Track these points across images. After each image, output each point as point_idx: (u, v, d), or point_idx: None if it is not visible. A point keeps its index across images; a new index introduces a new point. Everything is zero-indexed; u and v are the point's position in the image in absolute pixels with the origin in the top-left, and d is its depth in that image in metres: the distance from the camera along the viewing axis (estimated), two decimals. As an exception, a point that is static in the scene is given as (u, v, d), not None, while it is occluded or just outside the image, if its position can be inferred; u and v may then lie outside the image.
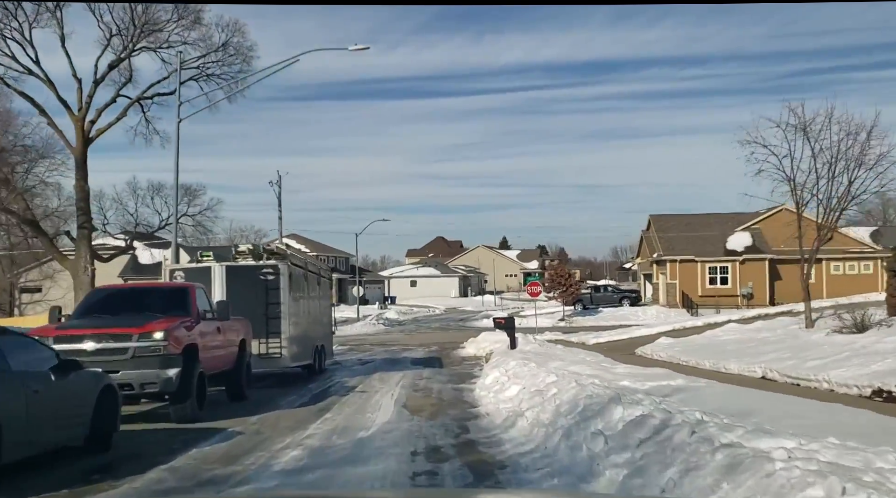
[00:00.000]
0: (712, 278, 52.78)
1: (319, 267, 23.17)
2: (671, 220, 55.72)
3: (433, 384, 18.80)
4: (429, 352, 31.69)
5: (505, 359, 18.99)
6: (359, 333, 46.36)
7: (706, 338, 21.87)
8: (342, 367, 24.74)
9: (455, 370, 23.10)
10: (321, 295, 23.08)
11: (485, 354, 28.86)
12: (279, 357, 18.48)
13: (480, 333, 31.65)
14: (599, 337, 28.79)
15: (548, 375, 13.05)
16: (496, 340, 30.07)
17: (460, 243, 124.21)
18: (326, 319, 24.18)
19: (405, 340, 39.78)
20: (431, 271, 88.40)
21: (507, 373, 16.32)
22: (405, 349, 33.52)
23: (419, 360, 27.68)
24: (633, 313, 50.45)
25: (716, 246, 53.15)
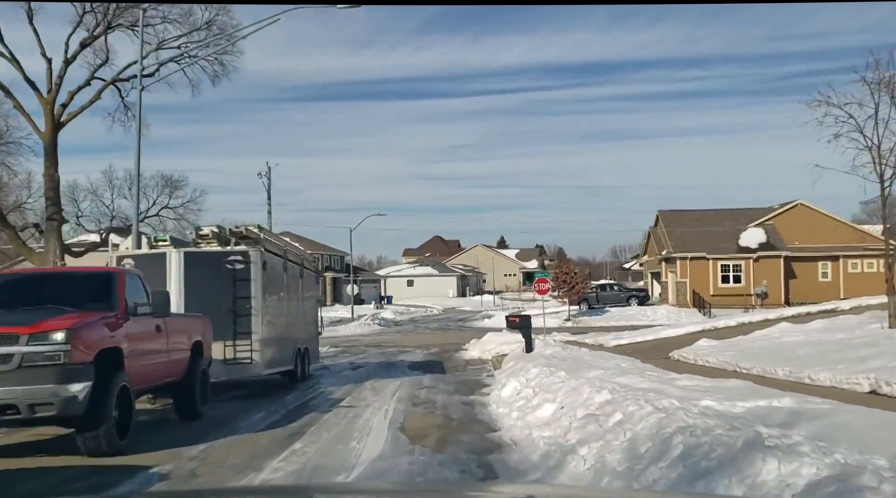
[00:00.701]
0: (725, 277, 49.28)
1: (303, 257, 19.55)
2: (680, 216, 52.23)
3: (436, 396, 15.22)
4: (428, 354, 28.12)
5: (523, 365, 15.43)
6: (352, 334, 42.74)
7: (761, 340, 18.41)
8: (330, 372, 21.14)
9: (460, 377, 19.54)
10: (305, 290, 19.47)
11: (491, 357, 25.36)
12: (249, 363, 14.90)
13: (485, 334, 28.11)
14: (619, 338, 25.26)
15: (595, 391, 9.51)
16: (503, 341, 26.51)
17: (458, 243, 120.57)
18: (312, 318, 20.55)
19: (402, 342, 36.18)
20: (429, 271, 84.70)
21: (531, 383, 12.75)
22: (402, 351, 29.95)
23: (418, 364, 24.11)
24: (641, 313, 46.91)
25: (728, 243, 49.68)
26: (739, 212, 52.07)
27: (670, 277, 51.62)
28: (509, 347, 25.65)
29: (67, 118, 34.76)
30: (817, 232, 49.96)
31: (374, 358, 26.81)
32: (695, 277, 49.16)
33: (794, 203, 50.99)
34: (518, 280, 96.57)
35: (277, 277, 16.73)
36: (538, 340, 18.95)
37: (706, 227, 50.89)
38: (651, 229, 54.11)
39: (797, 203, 50.91)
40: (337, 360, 26.18)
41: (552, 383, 11.79)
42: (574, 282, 46.80)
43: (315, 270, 20.82)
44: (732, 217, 51.53)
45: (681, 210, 52.98)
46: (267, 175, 43.87)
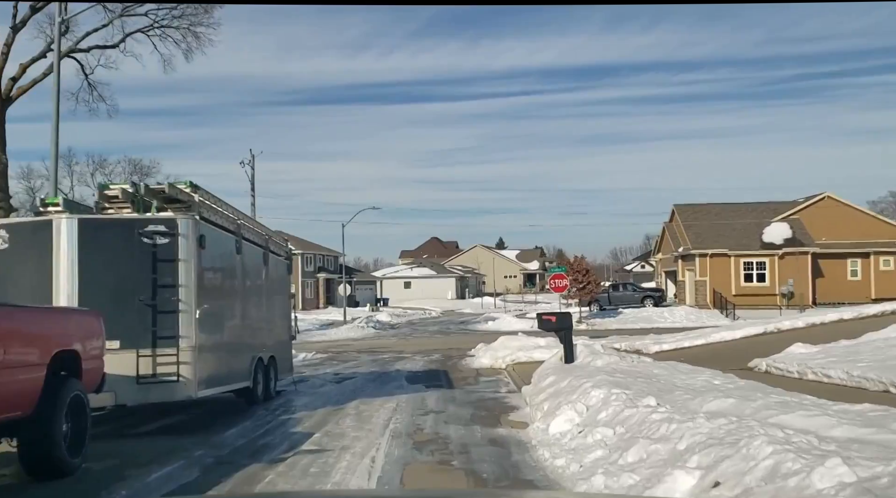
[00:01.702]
0: (748, 275, 44.40)
1: (268, 238, 14.51)
2: (698, 210, 47.38)
3: (448, 427, 10.28)
4: (429, 362, 23.18)
5: (571, 382, 10.49)
6: (343, 338, 37.71)
7: (882, 344, 13.54)
8: (306, 388, 16.16)
9: (474, 394, 14.62)
10: (271, 281, 14.50)
11: (506, 366, 20.45)
12: (175, 381, 9.94)
13: (498, 338, 23.12)
14: (660, 343, 20.34)
15: (762, 444, 4.62)
16: (520, 346, 21.55)
17: (456, 244, 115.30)
18: (281, 319, 15.53)
19: (399, 346, 31.20)
20: (426, 272, 79.53)
21: (599, 415, 7.87)
22: (398, 358, 25.00)
23: (418, 374, 19.18)
24: (658, 315, 41.99)
25: (751, 238, 44.84)
26: (762, 206, 47.26)
27: (688, 275, 46.75)
28: (527, 354, 20.71)
29: (17, 93, 29.86)
30: (846, 226, 45.22)
31: (366, 367, 21.86)
32: (715, 276, 44.30)
33: (821, 196, 46.22)
34: (519, 282, 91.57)
35: (224, 259, 11.77)
36: (581, 344, 13.92)
37: (727, 221, 46.07)
38: (666, 224, 49.27)
39: (824, 196, 46.14)
40: (320, 370, 21.20)
41: (647, 420, 6.87)
42: (586, 281, 41.88)
43: (286, 256, 15.84)
44: (755, 211, 46.72)
45: (698, 204, 48.14)
46: (250, 163, 39.05)
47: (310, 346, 32.81)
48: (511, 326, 40.45)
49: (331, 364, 23.29)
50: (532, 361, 20.47)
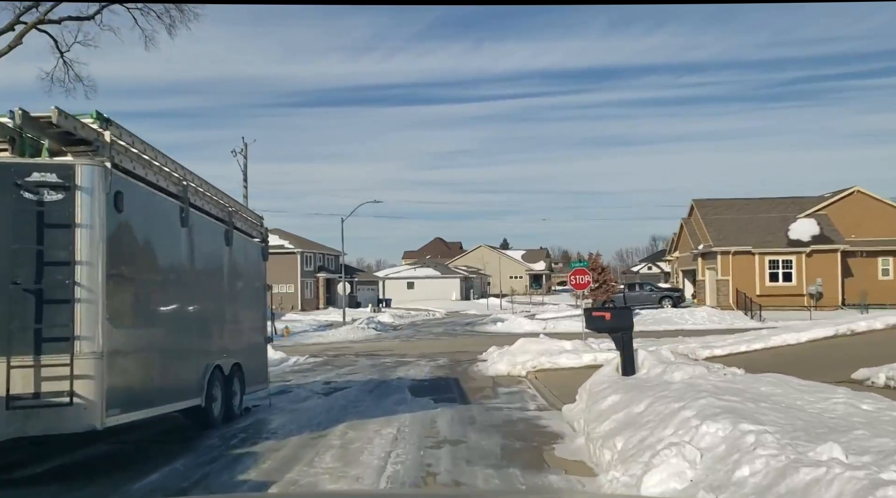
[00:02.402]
0: (773, 274, 40.92)
1: (231, 210, 10.97)
2: (719, 205, 43.93)
3: (473, 471, 6.91)
4: (436, 368, 19.80)
5: (654, 407, 7.06)
6: (342, 340, 34.28)
7: None
8: (285, 403, 12.77)
9: (497, 412, 11.24)
10: (237, 267, 11.08)
11: (525, 373, 17.10)
12: (67, 404, 6.56)
13: (516, 340, 19.65)
14: (709, 348, 16.98)
15: None
16: (543, 350, 18.12)
17: (460, 245, 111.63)
18: (251, 317, 12.01)
19: (401, 349, 27.80)
20: (430, 272, 75.91)
21: (754, 479, 4.34)
22: (401, 363, 21.62)
23: (424, 384, 15.79)
24: (679, 316, 38.51)
25: (776, 235, 41.40)
26: (787, 201, 43.81)
27: (708, 274, 43.28)
28: (552, 360, 17.29)
29: (-20, 67, 26.55)
30: (877, 223, 41.79)
31: (363, 373, 18.48)
32: (739, 275, 40.85)
33: (851, 190, 42.79)
34: (525, 283, 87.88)
35: (161, 231, 8.37)
36: (642, 351, 10.44)
37: (750, 217, 42.64)
38: (683, 221, 45.83)
39: (854, 190, 42.71)
40: (309, 377, 17.81)
41: None
42: (602, 280, 38.49)
43: (261, 238, 12.37)
44: (779, 206, 43.29)
45: (719, 199, 44.70)
46: (243, 152, 35.65)
47: (304, 348, 29.44)
48: (521, 327, 37.03)
49: (323, 370, 19.91)
50: (558, 369, 17.09)
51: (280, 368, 20.98)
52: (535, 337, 19.94)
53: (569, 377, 16.09)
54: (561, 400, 12.65)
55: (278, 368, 21.20)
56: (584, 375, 16.37)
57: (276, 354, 24.32)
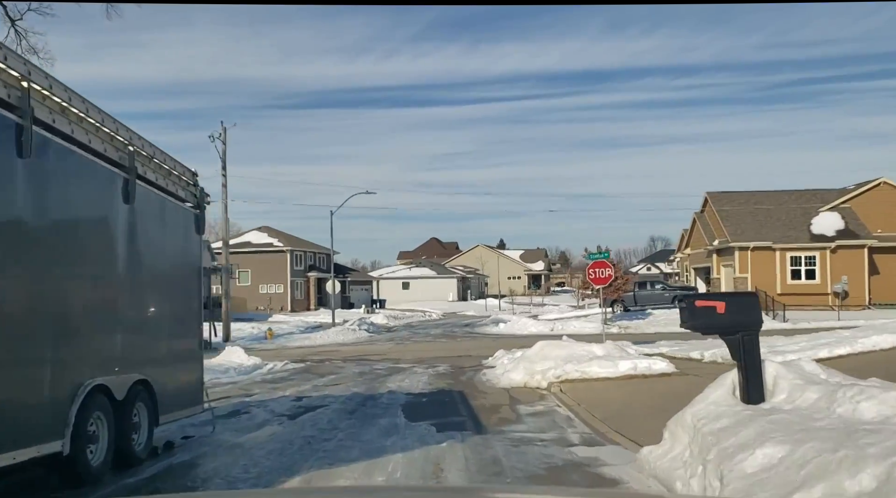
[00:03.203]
0: (795, 271, 37.36)
1: (132, 149, 7.16)
2: (736, 198, 40.39)
3: None
4: (435, 377, 16.19)
5: (866, 481, 3.30)
6: (330, 343, 30.59)
7: None
8: (229, 432, 9.08)
9: (529, 449, 7.63)
10: (148, 239, 7.36)
11: (548, 383, 13.51)
12: None
13: (534, 344, 15.86)
14: (781, 354, 13.25)
15: None
16: (568, 355, 14.44)
17: (456, 245, 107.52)
18: (171, 312, 8.19)
19: (395, 353, 24.18)
20: (426, 272, 71.97)
21: None
22: (394, 370, 18.00)
23: (421, 400, 12.17)
24: (695, 316, 34.96)
25: (798, 230, 37.88)
26: (807, 193, 40.30)
27: (724, 272, 39.72)
28: (580, 368, 13.62)
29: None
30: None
31: (347, 384, 14.84)
32: (758, 272, 37.29)
33: (877, 181, 39.30)
34: (523, 283, 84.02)
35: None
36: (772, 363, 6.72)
37: (769, 211, 39.12)
38: (697, 215, 42.27)
39: (880, 181, 39.22)
40: (280, 390, 14.15)
41: None
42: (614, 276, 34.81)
43: (195, 201, 8.59)
44: (800, 199, 39.78)
45: (735, 191, 41.14)
46: (221, 138, 31.96)
47: (286, 353, 25.80)
48: (526, 328, 33.42)
49: (300, 379, 16.26)
50: (588, 379, 13.45)
51: (250, 377, 17.32)
52: (555, 339, 16.29)
53: (605, 391, 12.46)
54: (609, 425, 9.02)
55: (248, 377, 17.54)
56: (625, 389, 12.81)
57: (249, 359, 20.67)
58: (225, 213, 31.61)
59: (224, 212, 31.61)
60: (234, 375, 17.77)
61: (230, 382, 16.24)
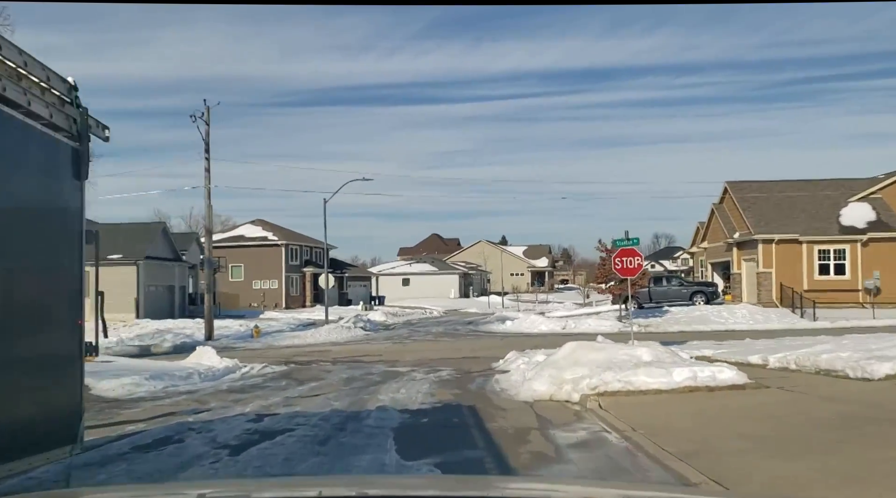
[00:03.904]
0: (823, 266, 34.17)
1: None
2: (758, 189, 37.20)
3: None
4: (438, 384, 13.10)
5: None
6: (322, 342, 27.44)
7: None
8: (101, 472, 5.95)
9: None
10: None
11: (579, 397, 10.49)
12: None
13: (563, 346, 12.62)
14: (878, 361, 10.14)
15: None
16: (607, 361, 11.31)
17: (457, 241, 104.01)
18: (19, 298, 4.88)
19: (391, 354, 21.07)
20: (427, 268, 68.60)
21: None
22: (389, 374, 14.87)
23: (421, 423, 9.05)
24: (716, 314, 31.87)
25: (826, 221, 34.71)
26: (834, 183, 37.11)
27: (745, 266, 36.56)
28: (624, 377, 10.55)
29: None
30: (939, 208, 35.10)
31: (328, 396, 11.71)
32: (783, 266, 34.12)
33: (910, 170, 36.10)
34: (526, 280, 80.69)
35: None
36: None
37: (794, 201, 35.93)
38: (715, 206, 39.08)
39: (913, 170, 36.03)
40: (241, 404, 11.02)
41: None
42: (629, 270, 31.65)
43: (70, 130, 5.55)
44: (826, 189, 36.58)
45: (757, 180, 37.94)
46: (203, 118, 28.82)
47: (270, 353, 22.69)
48: (536, 326, 30.30)
49: (272, 389, 13.12)
50: (633, 391, 10.30)
51: (215, 385, 14.20)
52: (592, 342, 13.11)
53: (663, 409, 9.32)
54: (697, 466, 5.86)
55: (213, 384, 14.43)
56: (689, 406, 9.47)
57: (222, 362, 17.52)
58: (208, 199, 28.49)
59: (207, 198, 28.49)
60: (197, 381, 14.65)
61: (188, 391, 13.13)
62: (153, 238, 38.08)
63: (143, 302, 36.75)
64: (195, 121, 28.65)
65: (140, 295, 36.48)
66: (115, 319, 37.34)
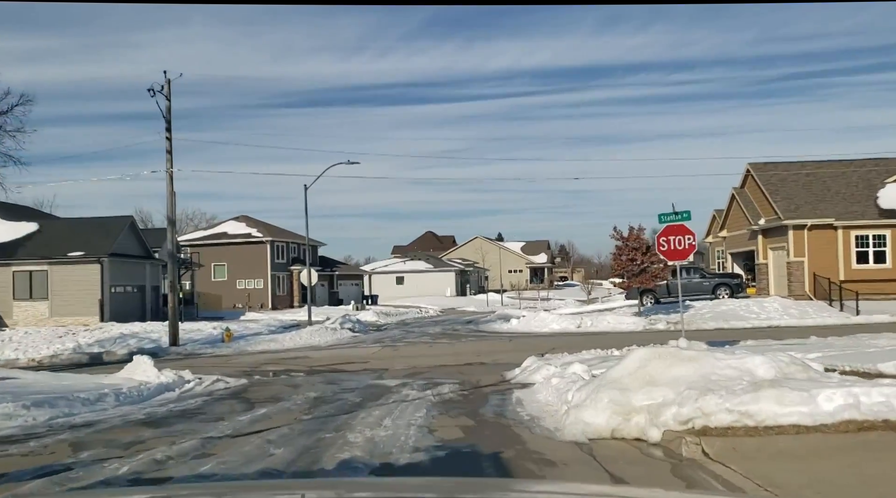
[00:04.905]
0: (861, 254, 30.20)
1: None
2: (784, 170, 33.21)
3: None
4: (438, 408, 9.03)
5: None
6: (302, 346, 23.28)
7: None
8: None
9: None
10: None
11: (663, 433, 6.39)
12: None
13: (627, 355, 8.48)
14: None
15: None
16: (704, 379, 7.48)
17: (452, 239, 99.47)
18: None
19: (381, 360, 17.06)
20: (422, 265, 64.16)
21: None
22: (371, 393, 10.78)
23: None
24: (745, 309, 27.84)
25: (863, 204, 30.77)
26: (869, 163, 33.17)
27: (773, 256, 32.58)
28: (739, 405, 6.70)
29: None
30: (985, 189, 31.16)
31: (270, 433, 7.60)
32: (816, 255, 30.15)
33: (952, 147, 32.12)
34: (525, 276, 76.29)
35: None
36: None
37: (825, 182, 31.96)
38: (735, 191, 35.05)
39: (956, 147, 32.05)
40: (129, 450, 6.88)
41: None
42: (648, 261, 27.64)
43: None
44: (859, 170, 32.63)
45: (783, 161, 34.00)
46: (163, 92, 24.59)
47: (236, 361, 18.58)
48: (546, 325, 26.21)
49: (202, 419, 9.01)
50: (762, 428, 6.05)
51: (133, 410, 10.11)
52: (666, 346, 9.03)
53: (829, 463, 5.18)
54: None
55: (132, 408, 10.33)
56: (874, 459, 5.54)
57: (160, 376, 13.29)
58: (169, 183, 24.31)
59: (168, 183, 24.31)
60: (109, 405, 10.53)
61: (85, 422, 9.03)
62: (119, 233, 33.84)
63: (109, 303, 32.52)
64: (154, 95, 24.47)
65: (105, 296, 32.25)
66: (77, 322, 33.12)
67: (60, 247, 32.36)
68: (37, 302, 32.09)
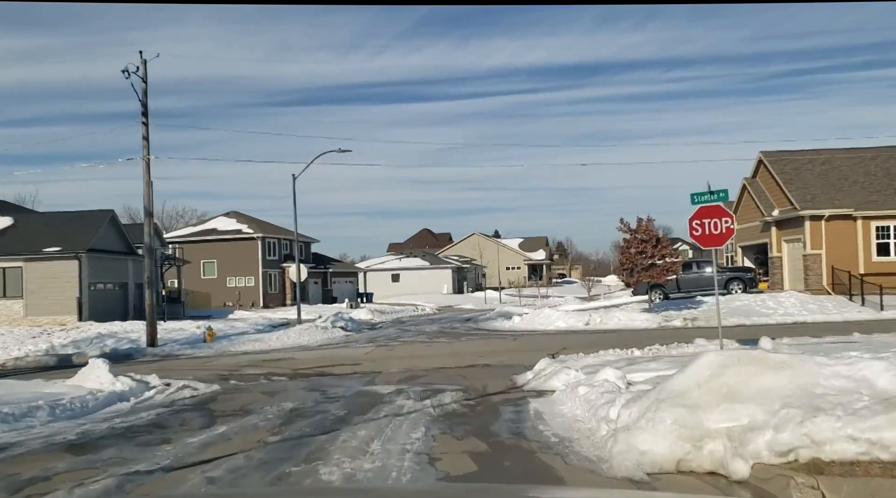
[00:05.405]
0: (882, 245, 28.35)
1: None
2: (798, 159, 31.37)
3: None
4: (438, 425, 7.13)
5: None
6: (290, 346, 21.30)
7: None
8: None
9: None
10: None
11: (752, 467, 4.67)
12: None
13: (693, 362, 6.56)
14: None
15: None
16: (807, 392, 5.66)
17: (449, 236, 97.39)
18: None
19: (374, 362, 15.14)
20: (418, 262, 62.16)
21: None
22: (362, 402, 8.85)
23: None
24: (761, 304, 25.99)
25: (883, 193, 28.93)
26: (886, 151, 31.30)
27: (787, 248, 30.72)
28: (858, 433, 4.61)
29: None
30: None
31: (220, 464, 5.64)
32: (834, 248, 28.30)
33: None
34: (523, 274, 74.25)
35: None
36: None
37: (842, 171, 30.11)
38: (747, 182, 33.16)
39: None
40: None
41: None
42: (659, 254, 25.69)
43: None
44: (877, 158, 30.78)
45: (797, 150, 32.18)
46: (138, 73, 22.57)
47: (215, 363, 16.63)
48: (552, 322, 24.29)
49: (146, 442, 7.09)
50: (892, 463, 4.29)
51: (67, 427, 8.16)
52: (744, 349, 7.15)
53: None
54: None
55: (68, 424, 8.37)
56: None
57: (115, 383, 11.29)
58: (146, 173, 22.33)
59: (145, 172, 22.33)
60: (38, 421, 8.61)
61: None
62: (99, 228, 31.80)
63: (88, 302, 30.51)
64: (129, 76, 22.48)
65: (83, 294, 30.24)
66: (54, 321, 31.09)
67: (36, 242, 30.33)
68: (10, 300, 30.06)
